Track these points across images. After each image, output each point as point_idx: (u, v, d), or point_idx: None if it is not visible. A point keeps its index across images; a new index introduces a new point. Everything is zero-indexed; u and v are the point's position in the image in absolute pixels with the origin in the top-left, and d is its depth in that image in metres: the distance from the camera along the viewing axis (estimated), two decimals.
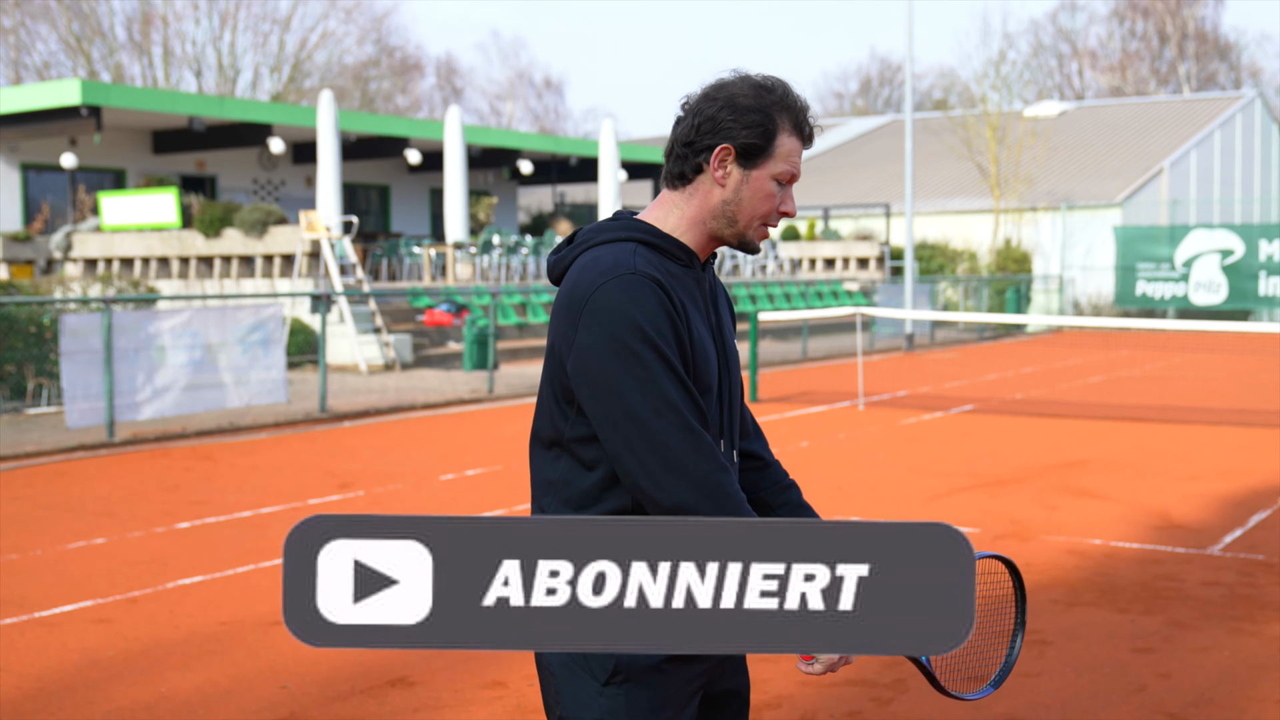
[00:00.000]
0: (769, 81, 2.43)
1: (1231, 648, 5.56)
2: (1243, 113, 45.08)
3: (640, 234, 2.39)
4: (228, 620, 6.12)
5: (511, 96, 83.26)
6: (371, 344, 19.54)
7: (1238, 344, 25.65)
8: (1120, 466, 10.58)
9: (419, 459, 11.35)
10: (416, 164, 31.23)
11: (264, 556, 7.45)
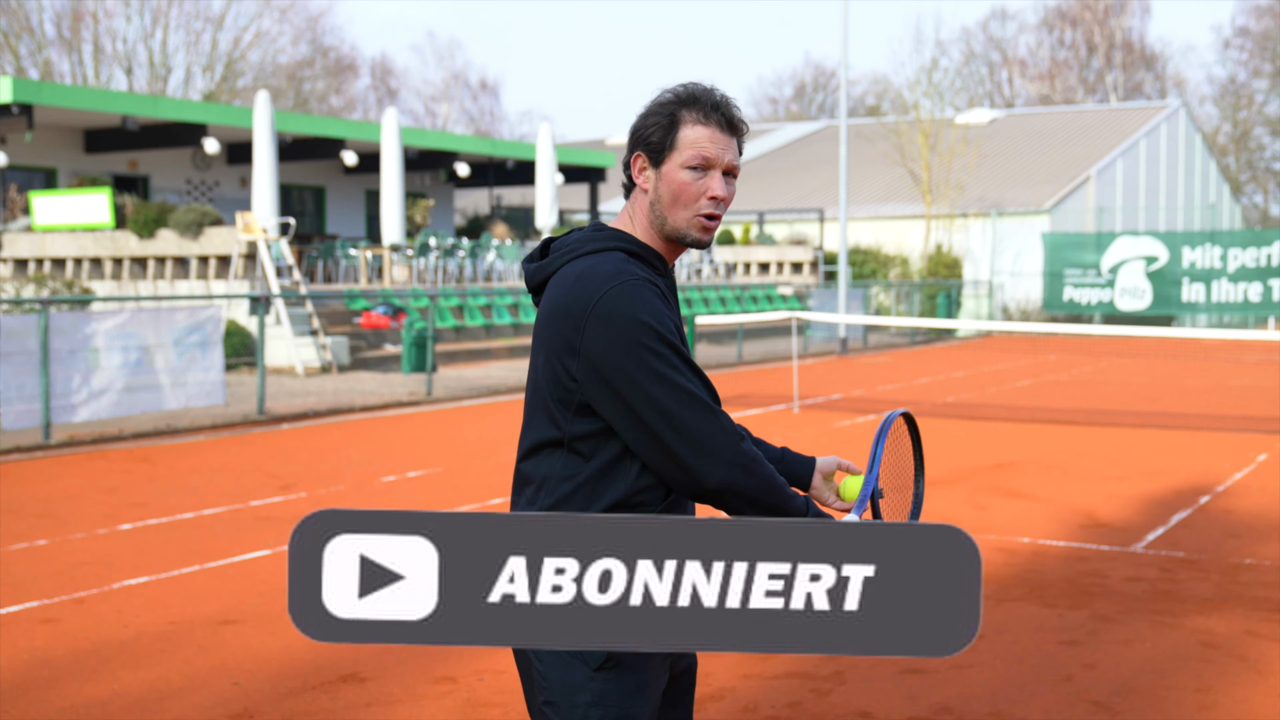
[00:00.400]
0: (679, 86, 2.57)
1: (1153, 640, 5.80)
2: (1167, 122, 46.02)
3: (626, 244, 2.52)
4: (176, 620, 6.18)
5: (447, 98, 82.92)
6: (308, 346, 19.50)
7: (1161, 348, 26.25)
8: (1048, 468, 10.87)
9: (359, 461, 11.40)
10: (353, 165, 31.14)
11: (209, 557, 7.50)
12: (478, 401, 16.53)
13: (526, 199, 42.09)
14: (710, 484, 2.41)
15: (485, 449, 12.16)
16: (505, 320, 24.31)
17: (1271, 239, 31.63)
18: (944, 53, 48.91)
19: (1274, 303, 31.24)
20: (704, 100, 2.54)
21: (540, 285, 2.59)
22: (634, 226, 2.58)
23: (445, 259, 26.39)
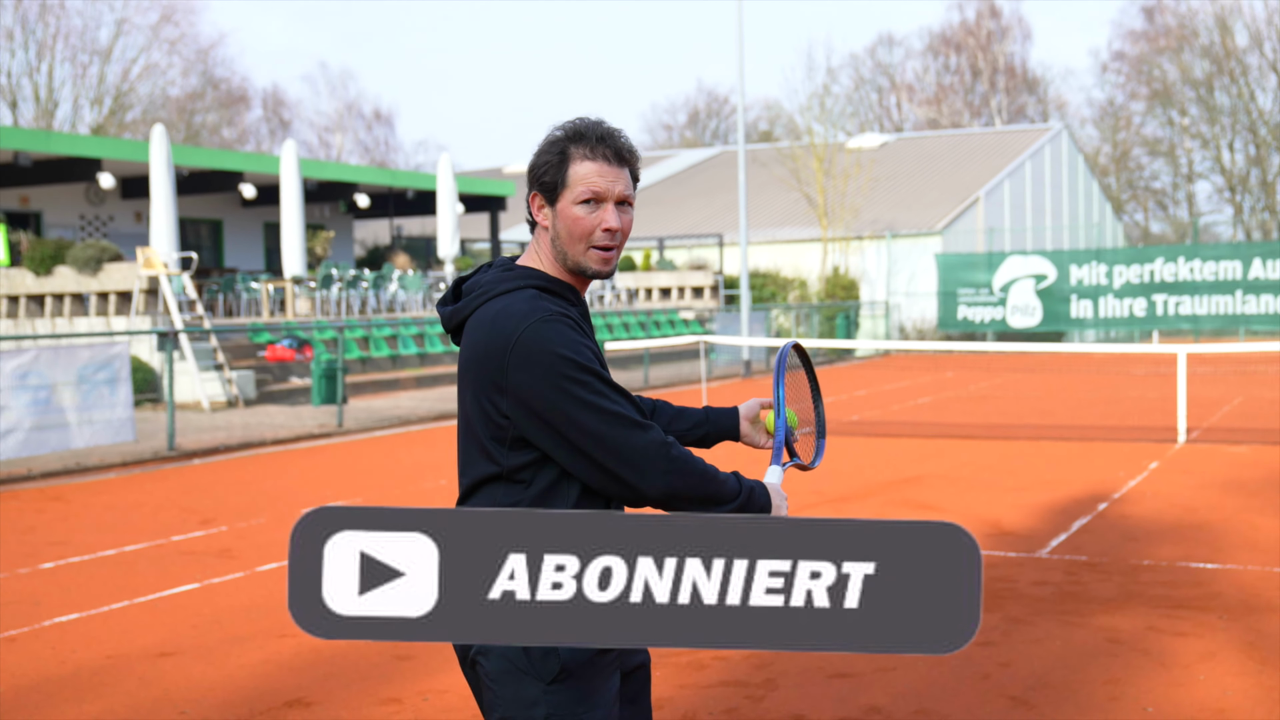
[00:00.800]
0: (566, 123, 2.71)
1: (1062, 638, 6.12)
2: (1051, 144, 47.41)
3: (535, 281, 2.67)
4: (113, 654, 6.22)
5: (341, 128, 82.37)
6: (214, 381, 19.35)
7: (1053, 363, 27.05)
8: (953, 480, 11.26)
9: (276, 493, 11.41)
10: (251, 198, 30.90)
11: (137, 593, 7.52)
12: (389, 432, 16.56)
13: (426, 228, 42.04)
14: (652, 494, 2.56)
15: (403, 478, 12.24)
16: (411, 350, 24.31)
17: (1153, 256, 32.76)
18: (834, 79, 49.88)
19: (1158, 317, 32.34)
20: (590, 134, 2.65)
21: (458, 327, 2.73)
22: (541, 262, 2.72)
23: (348, 290, 26.32)
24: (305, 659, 6.05)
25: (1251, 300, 31.48)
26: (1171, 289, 32.22)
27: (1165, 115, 64.71)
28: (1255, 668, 5.58)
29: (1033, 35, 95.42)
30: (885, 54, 79.49)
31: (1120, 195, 65.84)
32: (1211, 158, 63.59)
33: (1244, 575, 7.34)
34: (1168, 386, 18.80)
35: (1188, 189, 66.16)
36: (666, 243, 39.64)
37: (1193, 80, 62.28)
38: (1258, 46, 60.64)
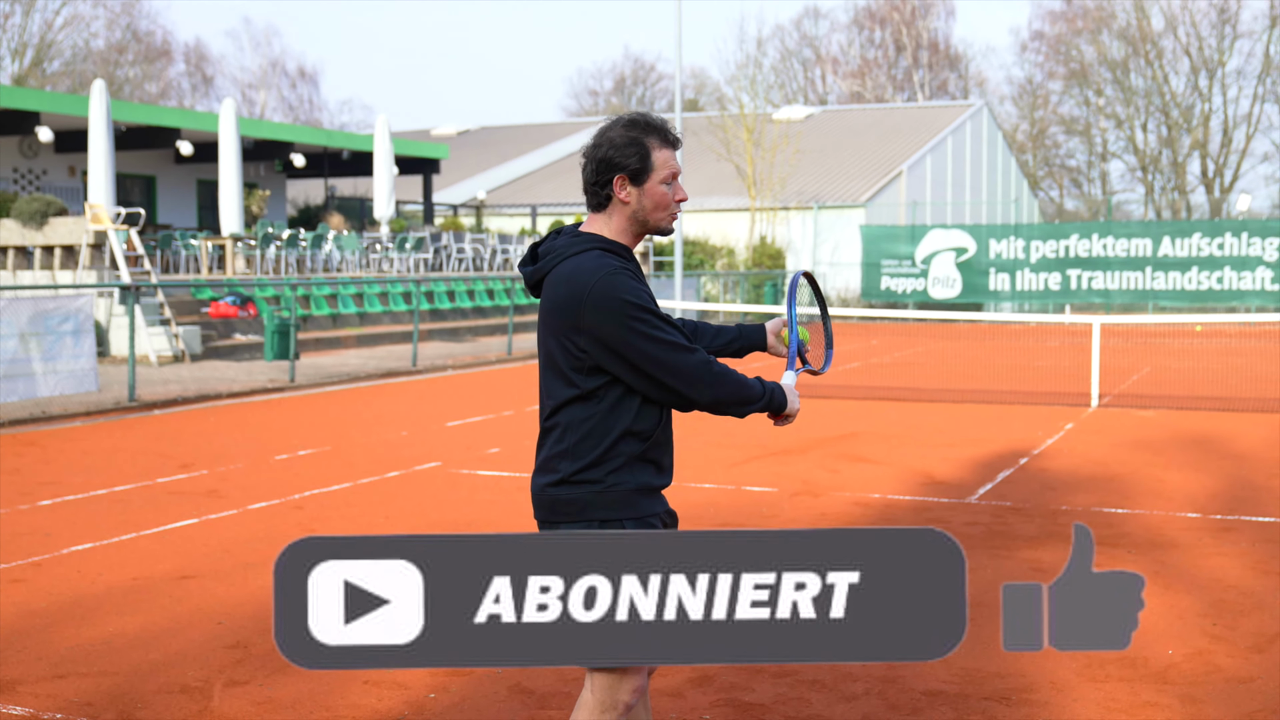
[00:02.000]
0: (635, 117, 3.41)
1: (993, 567, 6.93)
2: (972, 120, 48.61)
3: (600, 244, 3.37)
4: (138, 576, 6.80)
5: (264, 85, 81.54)
6: (160, 336, 19.68)
7: (973, 333, 28.15)
8: (886, 437, 12.09)
9: (245, 442, 11.94)
10: (188, 155, 30.97)
11: (140, 526, 8.07)
12: (341, 387, 17.08)
13: (359, 189, 42.22)
14: (702, 401, 3.31)
15: (365, 429, 12.82)
16: (351, 310, 24.73)
17: (1068, 232, 34.00)
18: (763, 51, 50.62)
19: (1072, 291, 33.61)
20: (661, 130, 3.39)
21: (537, 283, 3.43)
22: (608, 229, 3.41)
23: (287, 249, 26.62)
24: None
25: (1160, 276, 32.84)
26: (1085, 264, 33.49)
27: (1082, 95, 66.42)
28: (1160, 591, 6.43)
29: (955, 12, 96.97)
30: (811, 26, 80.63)
31: (1036, 172, 67.48)
32: (1125, 138, 65.45)
33: (1150, 518, 8.22)
34: (1081, 355, 19.83)
35: (1101, 168, 68.03)
36: None
37: (1109, 61, 63.97)
38: (1172, 30, 62.43)
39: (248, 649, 5.55)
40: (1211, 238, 32.51)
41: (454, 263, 31.46)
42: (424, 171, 36.72)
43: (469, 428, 12.95)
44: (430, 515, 8.48)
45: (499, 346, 23.67)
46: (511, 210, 43.67)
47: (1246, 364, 20.25)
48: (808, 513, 8.45)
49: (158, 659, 5.41)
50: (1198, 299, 32.75)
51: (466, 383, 17.95)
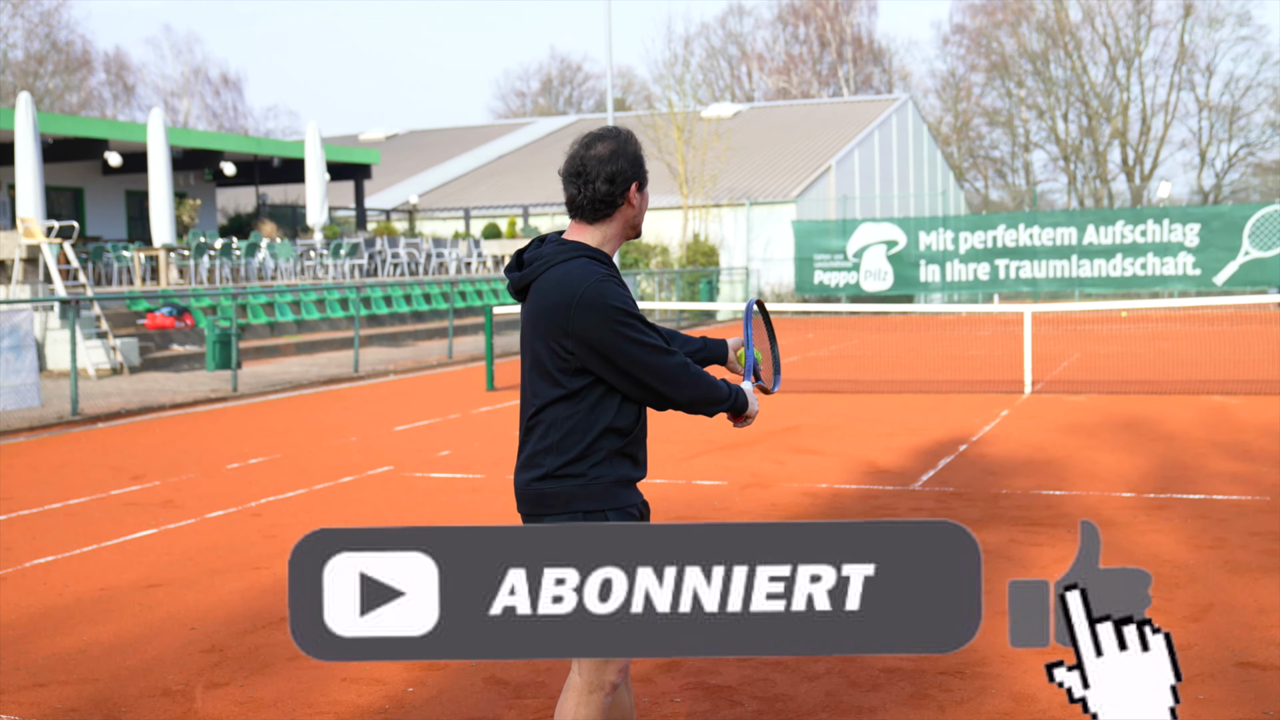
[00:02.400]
0: (628, 131, 3.65)
1: None
2: (897, 114, 49.25)
3: (586, 252, 3.57)
4: (106, 586, 6.88)
5: (187, 94, 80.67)
6: (98, 348, 19.55)
7: (906, 325, 28.60)
8: (829, 429, 12.37)
9: (194, 452, 11.97)
10: (116, 166, 30.70)
11: (101, 538, 8.13)
12: (283, 396, 17.09)
13: (290, 196, 42.00)
14: (680, 401, 3.54)
15: (313, 436, 12.89)
16: (288, 318, 24.67)
17: (995, 223, 34.62)
18: (690, 50, 50.94)
19: (1000, 280, 34.23)
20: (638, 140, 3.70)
21: (522, 289, 3.62)
22: (596, 238, 3.61)
23: (221, 259, 26.49)
24: (284, 585, 6.78)
25: (1086, 264, 33.55)
26: (1012, 254, 34.12)
27: (1003, 87, 67.43)
28: None
29: (878, 7, 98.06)
30: (736, 24, 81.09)
31: (962, 164, 68.45)
32: (1047, 128, 66.56)
33: (1086, 499, 8.55)
34: (1013, 344, 20.27)
35: (1025, 158, 69.12)
36: (531, 210, 40.32)
37: (1029, 53, 65.02)
38: (1090, 22, 63.59)
39: (224, 652, 5.67)
40: (1134, 225, 33.27)
41: (389, 268, 31.44)
42: (355, 177, 36.63)
43: (417, 431, 13.06)
44: (389, 519, 8.61)
45: (439, 350, 23.73)
46: (444, 214, 43.64)
47: (1172, 348, 20.82)
48: (758, 504, 8.68)
49: (135, 665, 5.52)
50: (1122, 285, 33.50)
51: (410, 387, 18.02)
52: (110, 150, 29.36)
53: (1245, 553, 6.95)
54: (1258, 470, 9.48)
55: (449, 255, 34.04)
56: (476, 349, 23.55)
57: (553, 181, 45.96)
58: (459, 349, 23.61)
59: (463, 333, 26.84)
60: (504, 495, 9.32)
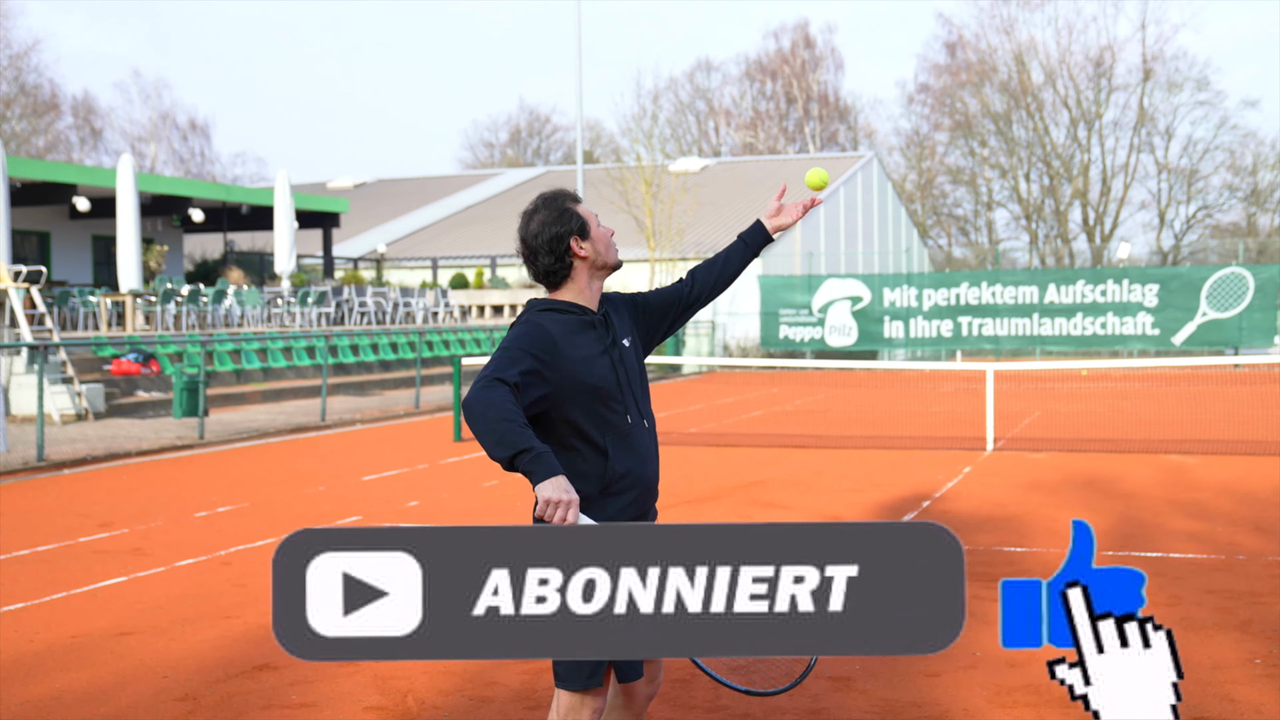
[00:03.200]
0: (544, 196, 3.86)
1: None
2: (863, 171, 49.85)
3: (537, 306, 3.80)
4: (77, 634, 6.90)
5: (155, 138, 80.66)
6: (63, 394, 19.50)
7: (870, 380, 28.87)
8: (793, 483, 12.51)
9: (162, 500, 11.97)
10: (84, 211, 30.67)
11: (70, 585, 8.15)
12: (250, 444, 17.09)
13: (258, 243, 42.01)
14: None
15: (282, 484, 12.91)
16: (255, 365, 24.65)
17: (959, 280, 35.03)
18: (658, 105, 51.44)
19: (963, 338, 34.59)
20: (567, 194, 3.88)
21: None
22: (571, 294, 3.82)
23: (187, 305, 26.47)
24: (258, 633, 6.85)
25: (1047, 322, 33.98)
26: (975, 311, 34.51)
27: (967, 146, 68.36)
28: None
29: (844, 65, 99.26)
30: (704, 79, 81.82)
31: (925, 221, 69.21)
32: (1009, 187, 67.47)
33: (1047, 556, 8.71)
34: (975, 401, 20.51)
35: (988, 216, 69.98)
36: (499, 261, 40.48)
37: (992, 114, 66.00)
38: (1051, 84, 64.68)
39: (197, 700, 5.72)
40: (1094, 284, 33.74)
41: (356, 316, 31.49)
42: (324, 225, 36.71)
43: (385, 481, 13.11)
44: None
45: (406, 400, 23.77)
46: (412, 263, 43.74)
47: (1131, 406, 21.12)
48: None
49: (109, 713, 5.56)
50: (1083, 344, 33.92)
51: (376, 437, 18.06)
52: (78, 195, 29.35)
53: (1201, 610, 7.11)
54: (1213, 529, 9.68)
55: (416, 305, 34.14)
56: (444, 399, 23.61)
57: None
58: (426, 399, 23.66)
59: (430, 383, 26.88)
60: None
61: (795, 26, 79.71)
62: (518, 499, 11.42)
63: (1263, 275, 32.22)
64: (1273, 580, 7.84)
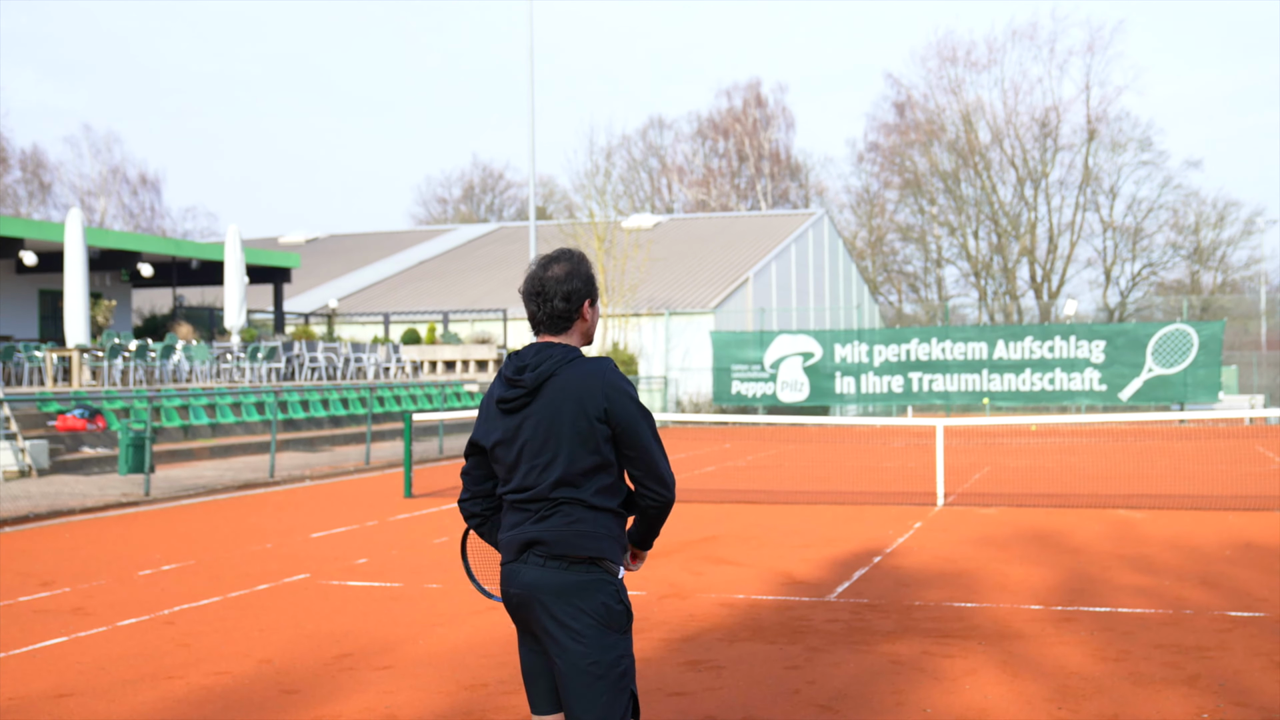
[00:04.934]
0: (580, 253, 3.99)
1: (855, 661, 7.31)
2: (814, 228, 50.29)
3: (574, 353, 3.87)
4: (14, 696, 6.76)
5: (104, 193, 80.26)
6: (6, 450, 19.20)
7: (822, 436, 28.95)
8: (745, 539, 12.49)
9: (105, 558, 11.78)
10: (32, 265, 30.38)
11: (10, 645, 7.98)
12: (197, 500, 16.88)
13: (207, 298, 41.73)
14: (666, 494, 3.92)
15: (228, 542, 12.74)
16: (203, 420, 24.40)
17: (909, 336, 35.32)
18: (611, 162, 51.77)
19: (913, 393, 34.82)
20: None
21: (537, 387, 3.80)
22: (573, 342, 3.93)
23: (135, 360, 26.21)
24: (199, 695, 6.73)
25: (996, 378, 34.27)
26: (925, 367, 34.78)
27: (916, 204, 69.19)
28: (1008, 679, 6.88)
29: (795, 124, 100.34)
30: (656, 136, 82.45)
31: (876, 278, 69.83)
32: (958, 244, 68.27)
33: (997, 611, 8.73)
34: (926, 456, 20.63)
35: (937, 273, 70.73)
36: (451, 316, 40.40)
37: (941, 172, 66.88)
38: (998, 143, 65.68)
39: None
40: (1042, 340, 34.11)
41: (307, 371, 31.28)
42: (274, 280, 36.54)
43: (334, 538, 12.97)
44: (306, 627, 8.55)
45: (357, 456, 23.59)
46: (364, 318, 43.58)
47: (1079, 462, 21.29)
48: (676, 614, 8.75)
49: None
50: (1031, 399, 34.22)
51: (326, 493, 17.88)
52: (25, 249, 29.07)
53: (1149, 665, 7.14)
54: (1161, 584, 9.74)
55: (368, 360, 33.96)
56: (394, 455, 23.45)
57: (473, 287, 46.17)
58: (376, 455, 23.49)
59: (381, 438, 26.71)
60: (422, 603, 9.30)
61: (747, 85, 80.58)
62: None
63: (1206, 332, 32.70)
64: (1220, 635, 7.89)
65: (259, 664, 7.43)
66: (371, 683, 6.95)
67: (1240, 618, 8.40)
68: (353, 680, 7.02)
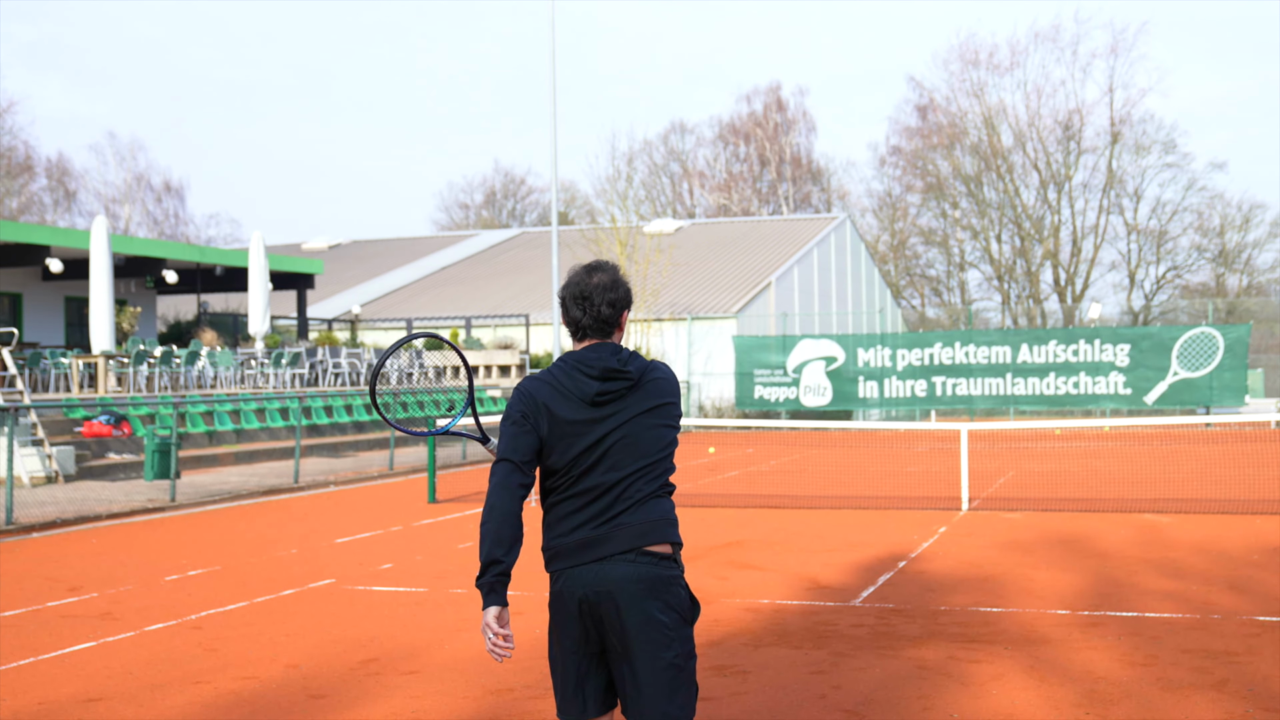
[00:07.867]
0: (615, 266, 4.06)
1: (880, 666, 7.29)
2: (836, 232, 50.19)
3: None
4: (44, 701, 6.80)
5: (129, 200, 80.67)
6: (33, 456, 19.33)
7: (845, 440, 28.89)
8: (770, 544, 12.47)
9: (132, 563, 11.85)
10: (58, 272, 30.57)
11: (38, 651, 8.04)
12: (222, 506, 16.95)
13: (231, 304, 41.92)
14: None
15: (253, 547, 12.79)
16: (228, 426, 24.51)
17: (932, 341, 35.21)
18: (632, 167, 51.82)
19: (937, 398, 34.71)
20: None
21: (639, 379, 3.93)
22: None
23: (161, 366, 26.35)
24: (227, 700, 6.76)
25: (1020, 382, 34.14)
26: (949, 371, 34.66)
27: (939, 207, 68.95)
28: (1035, 684, 6.85)
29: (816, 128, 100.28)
30: (678, 141, 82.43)
31: (899, 282, 69.65)
32: (981, 248, 68.00)
33: (1023, 616, 8.69)
34: (950, 461, 20.56)
35: (960, 277, 70.44)
36: (473, 322, 40.49)
37: (963, 176, 66.66)
38: (1021, 147, 65.42)
39: None
40: (1066, 344, 33.95)
41: (330, 377, 31.39)
42: (298, 286, 36.68)
43: (359, 544, 13.01)
44: (331, 632, 8.58)
45: (380, 461, 23.65)
46: (386, 324, 43.70)
47: (1104, 466, 21.19)
48: (701, 619, 8.73)
49: None
50: (1056, 403, 34.06)
51: (350, 498, 17.94)
52: (52, 257, 29.25)
53: (1177, 670, 7.10)
54: (1188, 588, 9.69)
55: (390, 366, 34.04)
56: (418, 460, 23.51)
57: (495, 293, 46.25)
58: (400, 460, 23.55)
59: (404, 444, 26.77)
60: (447, 608, 9.31)
61: (768, 90, 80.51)
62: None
63: (1232, 335, 32.50)
64: (1248, 639, 7.85)
65: (286, 669, 7.46)
66: (397, 688, 6.97)
67: (1269, 622, 8.35)
68: (379, 685, 7.04)
